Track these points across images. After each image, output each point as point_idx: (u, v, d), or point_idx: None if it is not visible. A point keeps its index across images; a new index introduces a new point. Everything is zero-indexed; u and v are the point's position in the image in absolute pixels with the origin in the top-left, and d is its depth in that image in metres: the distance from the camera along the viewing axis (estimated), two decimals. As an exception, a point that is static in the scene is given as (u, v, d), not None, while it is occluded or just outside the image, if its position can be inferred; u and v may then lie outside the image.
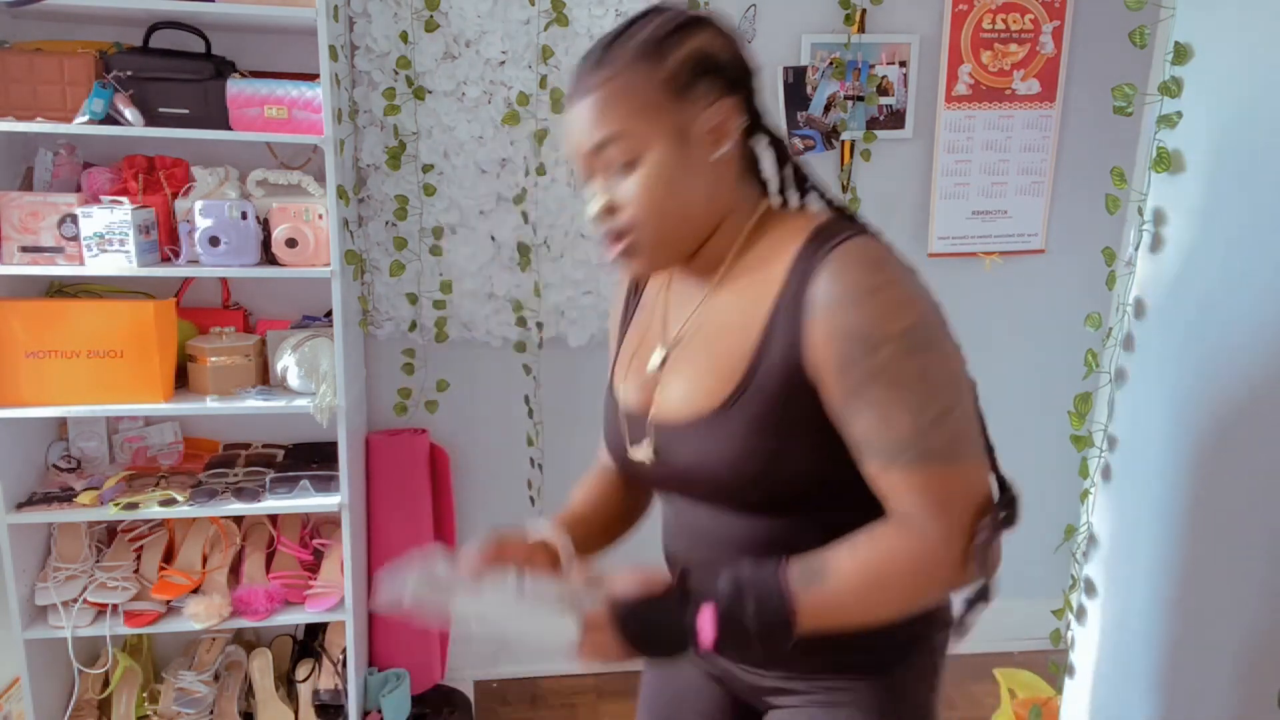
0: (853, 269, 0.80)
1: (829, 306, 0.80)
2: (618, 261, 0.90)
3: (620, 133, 0.84)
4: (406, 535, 2.25)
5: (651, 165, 0.85)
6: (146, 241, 1.83)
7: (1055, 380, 2.48)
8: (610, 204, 0.87)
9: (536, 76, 2.16)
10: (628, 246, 0.88)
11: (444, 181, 2.20)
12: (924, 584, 0.82)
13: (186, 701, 2.06)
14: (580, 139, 0.87)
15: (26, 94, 1.78)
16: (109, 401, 1.84)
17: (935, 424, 0.79)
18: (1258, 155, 1.14)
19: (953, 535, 0.79)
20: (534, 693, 2.51)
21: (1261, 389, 1.14)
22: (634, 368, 0.99)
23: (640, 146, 0.85)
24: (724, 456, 0.86)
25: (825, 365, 0.81)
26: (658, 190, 0.86)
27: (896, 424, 0.79)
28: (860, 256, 0.81)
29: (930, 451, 0.79)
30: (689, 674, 1.10)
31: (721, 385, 0.86)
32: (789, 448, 0.84)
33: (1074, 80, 2.42)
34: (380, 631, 2.29)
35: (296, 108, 1.83)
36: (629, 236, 0.88)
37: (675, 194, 0.87)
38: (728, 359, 0.87)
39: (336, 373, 1.92)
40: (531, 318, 2.30)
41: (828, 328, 0.80)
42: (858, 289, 0.79)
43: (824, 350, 0.80)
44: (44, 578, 1.95)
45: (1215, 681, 1.23)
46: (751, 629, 0.80)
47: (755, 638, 0.80)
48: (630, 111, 0.84)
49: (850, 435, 0.83)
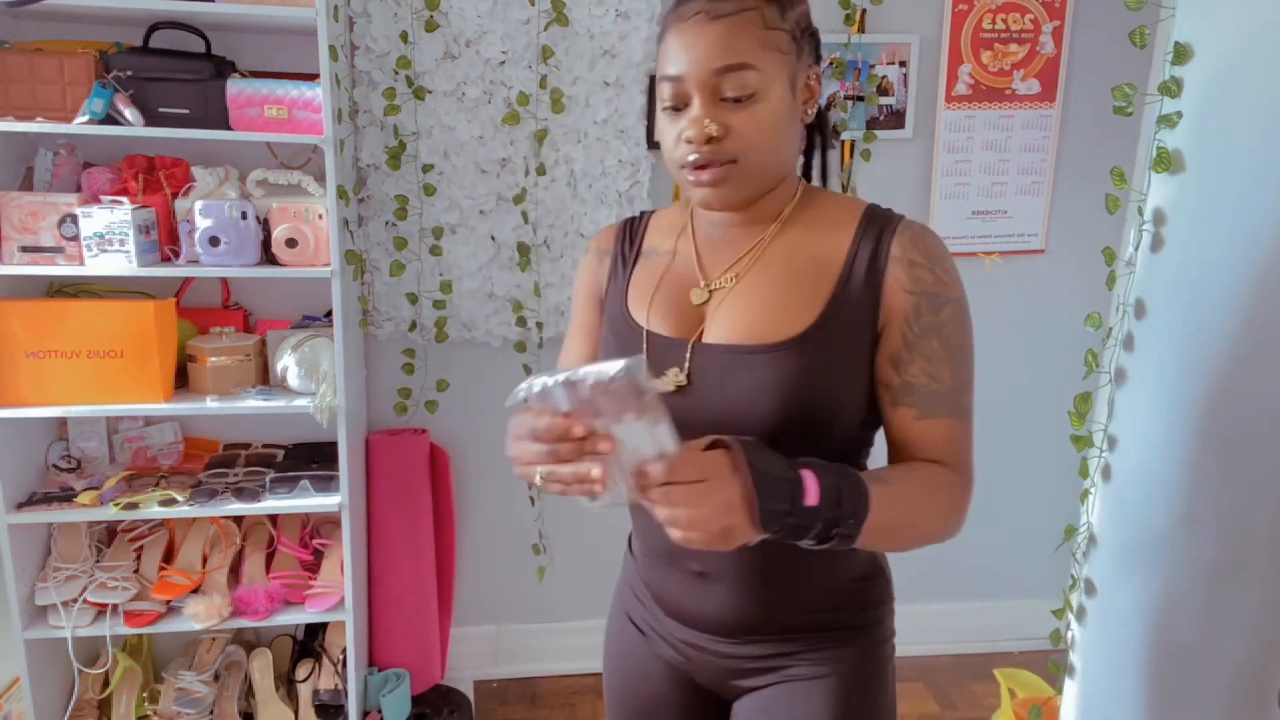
0: (928, 238, 0.94)
1: (910, 263, 0.92)
2: (704, 189, 0.92)
3: (751, 64, 0.87)
4: (406, 535, 2.25)
5: (770, 103, 0.89)
6: (146, 241, 1.83)
7: (1055, 380, 2.48)
8: (718, 131, 0.88)
9: (536, 76, 2.16)
10: (724, 174, 0.90)
11: (444, 181, 2.20)
12: (952, 517, 0.91)
13: (186, 701, 2.06)
14: (707, 59, 0.87)
15: (26, 94, 1.78)
16: (109, 401, 1.84)
17: (965, 386, 0.93)
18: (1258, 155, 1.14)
19: (968, 484, 0.93)
20: (534, 692, 2.51)
21: (1261, 389, 1.14)
22: (662, 301, 1.01)
23: (764, 83, 0.88)
24: (784, 386, 0.90)
25: (897, 312, 0.91)
26: (769, 129, 0.90)
27: (941, 378, 0.91)
28: (930, 232, 0.95)
29: (959, 408, 0.92)
30: (654, 668, 1.12)
31: (800, 315, 0.92)
32: (838, 395, 0.92)
33: (1074, 80, 2.42)
34: (380, 631, 2.29)
35: (296, 108, 1.83)
36: (729, 166, 0.90)
37: (779, 138, 0.92)
38: (803, 295, 0.93)
39: (336, 373, 1.92)
40: (531, 318, 2.30)
41: (906, 279, 0.91)
42: (933, 254, 0.93)
43: (899, 298, 0.91)
44: (44, 578, 1.95)
45: (1215, 681, 1.23)
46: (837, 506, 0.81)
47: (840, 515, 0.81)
48: (763, 46, 0.88)
49: (894, 381, 0.92)
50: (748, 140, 0.89)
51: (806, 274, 0.94)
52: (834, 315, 0.92)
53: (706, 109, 0.88)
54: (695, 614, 1.05)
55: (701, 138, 0.88)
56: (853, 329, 0.92)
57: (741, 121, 0.88)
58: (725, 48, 0.87)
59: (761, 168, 0.92)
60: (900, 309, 0.91)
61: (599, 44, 2.17)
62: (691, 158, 0.90)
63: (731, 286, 0.97)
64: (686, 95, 0.90)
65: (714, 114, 0.88)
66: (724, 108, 0.88)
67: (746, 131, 0.89)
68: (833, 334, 0.91)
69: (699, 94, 0.89)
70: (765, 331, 0.92)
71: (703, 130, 0.88)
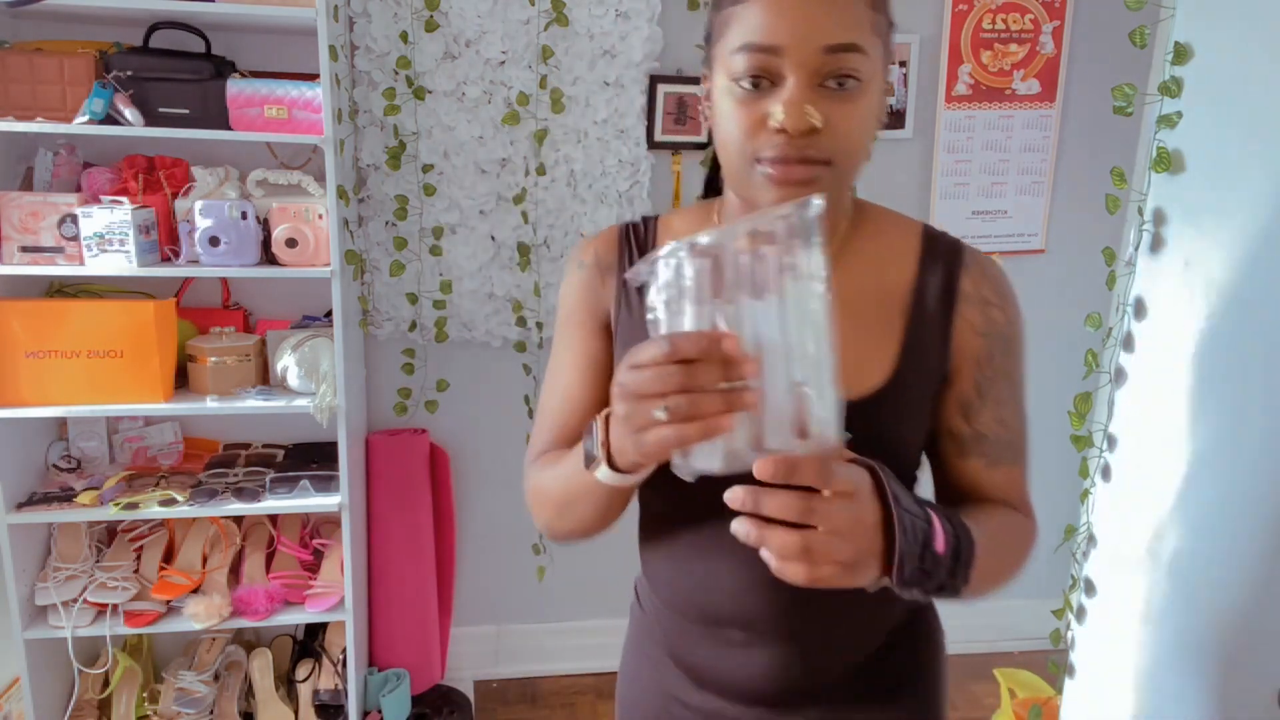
0: (995, 270, 0.85)
1: (984, 302, 0.83)
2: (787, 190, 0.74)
3: (863, 47, 0.72)
4: (406, 535, 2.25)
5: (871, 98, 0.75)
6: (146, 241, 1.83)
7: (1055, 380, 2.48)
8: (821, 122, 0.72)
9: (536, 76, 2.16)
10: (814, 176, 0.74)
11: (444, 181, 2.20)
12: (1024, 563, 0.84)
13: (186, 701, 2.06)
14: (817, 32, 0.71)
15: (26, 94, 1.78)
16: (109, 401, 1.84)
17: (1026, 430, 0.87)
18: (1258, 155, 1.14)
19: (1035, 527, 0.87)
20: (534, 692, 2.51)
21: (1261, 388, 1.14)
22: None
23: (871, 73, 0.74)
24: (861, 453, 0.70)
25: (970, 357, 0.83)
26: (868, 128, 0.76)
27: (1010, 424, 0.85)
28: (994, 262, 0.86)
29: (1023, 454, 0.87)
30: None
31: (874, 365, 0.80)
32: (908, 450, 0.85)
33: (1074, 80, 2.42)
34: (380, 631, 2.29)
35: (296, 108, 1.83)
36: (821, 167, 0.74)
37: (871, 140, 0.77)
38: (873, 339, 0.82)
39: (336, 373, 1.92)
40: (531, 318, 2.30)
41: (980, 320, 0.83)
42: (1003, 290, 0.85)
43: (972, 342, 0.83)
44: (44, 578, 1.95)
45: (1215, 680, 1.23)
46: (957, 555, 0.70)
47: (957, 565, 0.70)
48: (873, 31, 0.74)
49: (963, 430, 0.85)
50: (847, 139, 0.73)
51: (873, 312, 0.82)
52: (908, 364, 0.81)
53: (806, 93, 0.72)
54: (732, 683, 0.89)
55: (801, 127, 0.71)
56: (924, 376, 0.83)
57: (843, 115, 0.72)
58: (839, 22, 0.71)
59: (850, 175, 0.77)
60: (973, 353, 0.83)
61: (599, 44, 2.17)
62: (776, 152, 0.73)
63: None
64: (778, 72, 0.72)
65: (814, 101, 0.72)
66: (823, 95, 0.72)
67: (847, 128, 0.73)
68: (908, 386, 0.81)
69: (798, 73, 0.71)
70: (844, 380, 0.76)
71: (804, 119, 0.71)
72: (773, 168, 0.74)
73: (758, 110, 0.73)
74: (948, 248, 0.85)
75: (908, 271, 0.84)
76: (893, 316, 0.82)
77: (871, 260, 0.84)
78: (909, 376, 0.81)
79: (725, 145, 0.77)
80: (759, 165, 0.74)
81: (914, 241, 0.85)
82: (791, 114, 0.71)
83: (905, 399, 0.81)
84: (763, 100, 0.73)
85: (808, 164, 0.73)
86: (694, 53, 2.25)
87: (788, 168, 0.73)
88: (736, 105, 0.75)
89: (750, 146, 0.74)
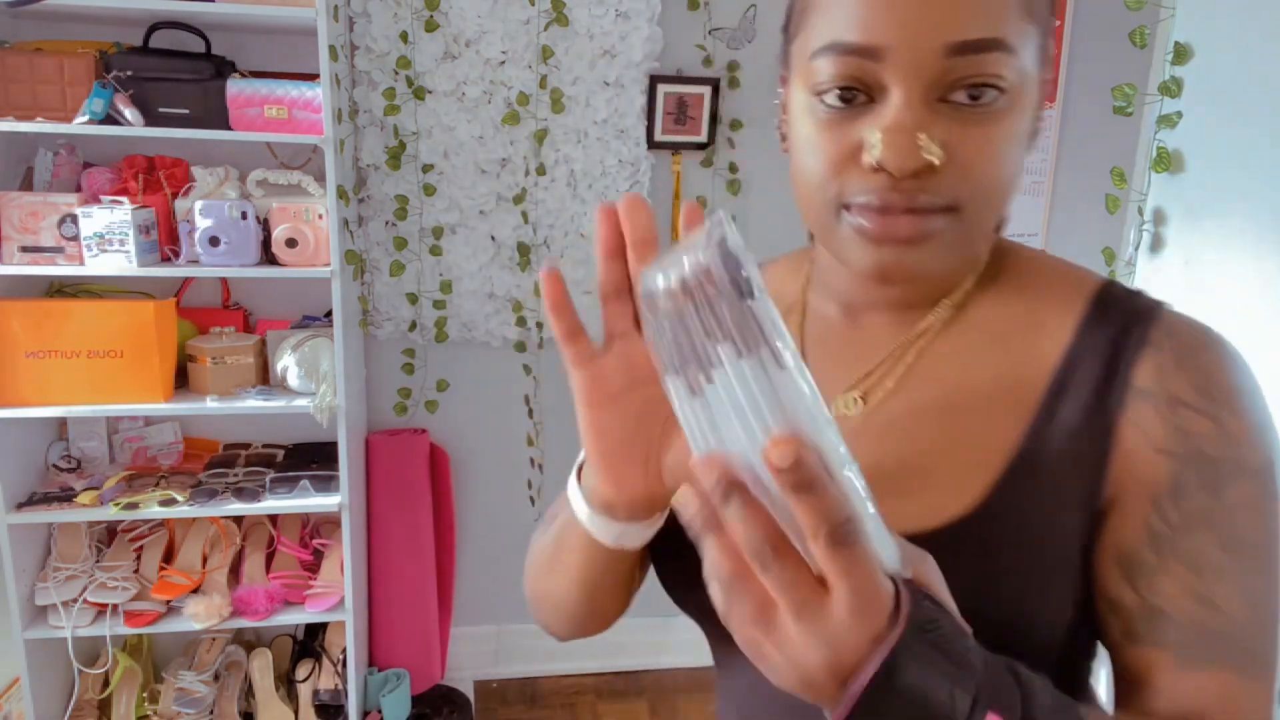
0: (1207, 354, 0.54)
1: (1172, 401, 0.53)
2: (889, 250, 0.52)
3: (1008, 41, 0.49)
4: (406, 535, 2.25)
5: (1020, 113, 0.52)
6: (146, 241, 1.83)
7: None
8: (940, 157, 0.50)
9: (536, 76, 2.16)
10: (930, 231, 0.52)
11: (444, 181, 2.20)
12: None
13: (186, 701, 2.06)
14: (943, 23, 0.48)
15: (26, 94, 1.78)
16: (109, 401, 1.84)
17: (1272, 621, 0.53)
18: (1258, 155, 1.14)
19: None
20: (533, 692, 2.51)
21: (1261, 389, 1.14)
22: None
23: (1019, 78, 0.51)
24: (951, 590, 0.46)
25: (1142, 486, 0.54)
26: (1011, 158, 0.52)
27: (1224, 603, 0.52)
28: (1213, 341, 0.55)
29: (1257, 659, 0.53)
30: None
31: (968, 480, 0.56)
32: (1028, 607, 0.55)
33: (1074, 80, 2.42)
34: (380, 631, 2.29)
35: (296, 108, 1.83)
36: (942, 217, 0.52)
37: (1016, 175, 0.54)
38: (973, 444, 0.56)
39: (336, 373, 1.92)
40: (531, 318, 2.30)
41: (1161, 429, 0.53)
42: (1216, 384, 0.53)
43: (1149, 464, 0.53)
44: (44, 578, 1.95)
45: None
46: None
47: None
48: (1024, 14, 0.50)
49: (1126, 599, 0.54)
50: (981, 176, 0.51)
51: (983, 405, 0.57)
52: (1022, 483, 0.55)
53: (918, 113, 0.50)
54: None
55: (908, 166, 0.49)
56: (1053, 507, 0.55)
57: (975, 143, 0.50)
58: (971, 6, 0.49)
59: (986, 222, 0.54)
60: (1146, 480, 0.54)
61: (599, 44, 2.17)
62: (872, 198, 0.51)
63: (856, 421, 0.60)
64: (878, 82, 0.50)
65: (931, 123, 0.50)
66: (945, 114, 0.50)
67: (981, 160, 0.51)
68: (1017, 516, 0.54)
69: (907, 85, 0.49)
70: (911, 507, 0.56)
71: (913, 153, 0.49)
72: (866, 219, 0.52)
73: (848, 137, 0.52)
74: (1129, 315, 0.56)
75: (1053, 348, 0.57)
76: (1014, 412, 0.56)
77: (996, 330, 0.59)
78: (1021, 500, 0.54)
79: (803, 182, 0.55)
80: (847, 214, 0.53)
81: (1076, 305, 0.57)
82: (895, 146, 0.49)
83: (1009, 535, 0.54)
84: (856, 122, 0.51)
85: (918, 214, 0.51)
86: (694, 52, 2.25)
87: (888, 219, 0.51)
88: (819, 129, 0.53)
89: (835, 187, 0.53)
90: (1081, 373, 0.56)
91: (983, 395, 0.57)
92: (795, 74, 0.55)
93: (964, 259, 0.59)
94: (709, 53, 2.26)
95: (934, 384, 0.59)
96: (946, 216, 0.52)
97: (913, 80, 0.49)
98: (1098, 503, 0.55)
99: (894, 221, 0.51)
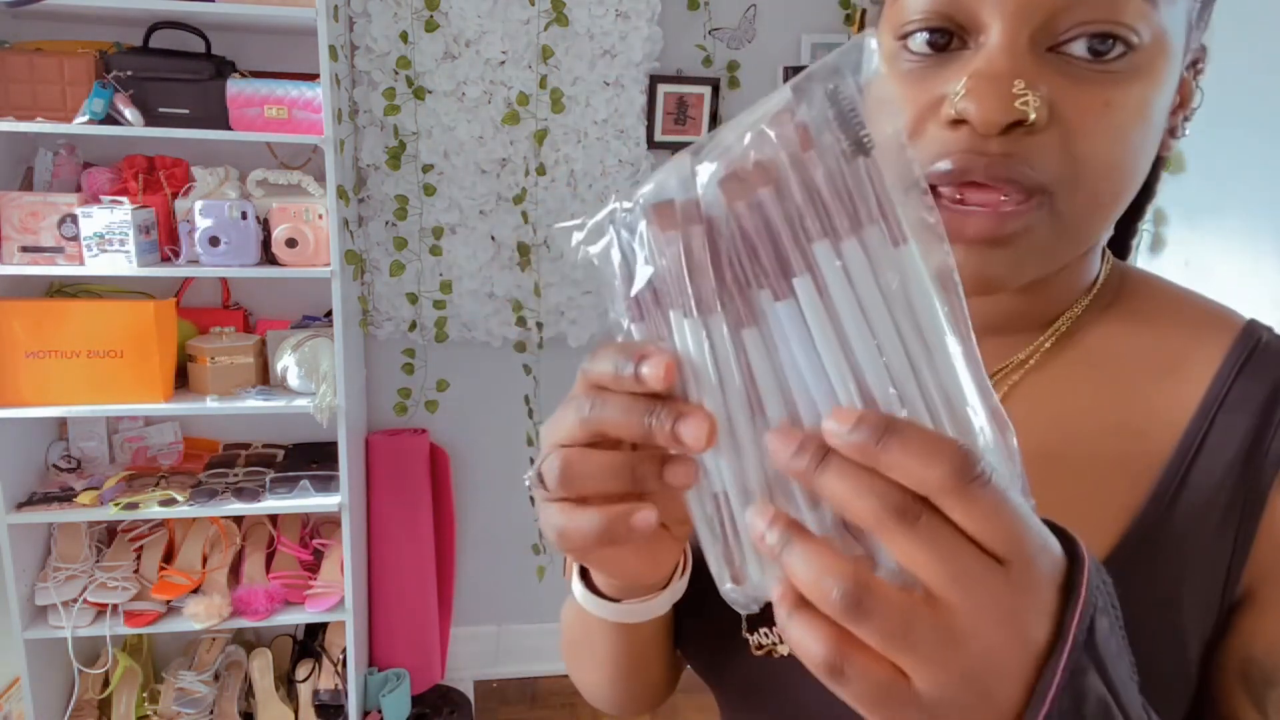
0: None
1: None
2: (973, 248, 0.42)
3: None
4: (406, 535, 2.25)
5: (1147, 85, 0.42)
6: (146, 241, 1.83)
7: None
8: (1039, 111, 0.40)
9: (536, 76, 2.16)
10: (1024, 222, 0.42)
11: (444, 181, 2.20)
12: None
13: (186, 701, 2.06)
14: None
15: (26, 94, 1.78)
16: (109, 401, 1.84)
17: None
18: (1257, 155, 1.14)
19: None
20: (533, 692, 2.51)
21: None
22: None
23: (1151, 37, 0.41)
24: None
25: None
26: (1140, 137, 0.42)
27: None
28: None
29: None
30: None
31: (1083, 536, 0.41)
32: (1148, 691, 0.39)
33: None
34: (380, 631, 2.29)
35: (296, 108, 1.83)
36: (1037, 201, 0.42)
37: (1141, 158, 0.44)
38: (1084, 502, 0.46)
39: (336, 373, 1.92)
40: (531, 318, 2.30)
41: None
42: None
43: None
44: (44, 578, 1.95)
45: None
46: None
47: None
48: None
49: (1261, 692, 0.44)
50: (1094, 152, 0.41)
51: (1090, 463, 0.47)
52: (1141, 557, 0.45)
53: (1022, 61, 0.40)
54: None
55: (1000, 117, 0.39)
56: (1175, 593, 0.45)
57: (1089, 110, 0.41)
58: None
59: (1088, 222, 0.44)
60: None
61: (599, 44, 2.17)
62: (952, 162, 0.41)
63: None
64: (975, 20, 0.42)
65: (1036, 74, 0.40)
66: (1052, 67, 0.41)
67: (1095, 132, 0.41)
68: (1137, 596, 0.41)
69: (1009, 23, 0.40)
70: None
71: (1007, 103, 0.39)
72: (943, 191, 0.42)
73: (930, 91, 0.42)
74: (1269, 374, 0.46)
75: (1189, 396, 0.47)
76: (1136, 470, 0.46)
77: (1115, 369, 0.48)
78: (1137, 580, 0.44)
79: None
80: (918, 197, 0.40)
81: (1215, 348, 0.47)
82: (981, 92, 0.39)
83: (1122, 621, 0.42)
84: (944, 71, 0.42)
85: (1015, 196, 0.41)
86: (694, 52, 2.25)
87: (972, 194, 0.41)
88: (901, 81, 0.44)
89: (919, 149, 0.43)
90: (1225, 430, 0.45)
91: (1096, 446, 0.47)
92: (884, 18, 0.46)
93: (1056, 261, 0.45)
94: (709, 53, 2.26)
95: (1034, 429, 0.46)
96: (1039, 209, 0.41)
97: (1018, 18, 0.40)
98: (1233, 596, 0.44)
99: (979, 198, 0.41)
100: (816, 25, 2.30)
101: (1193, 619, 0.44)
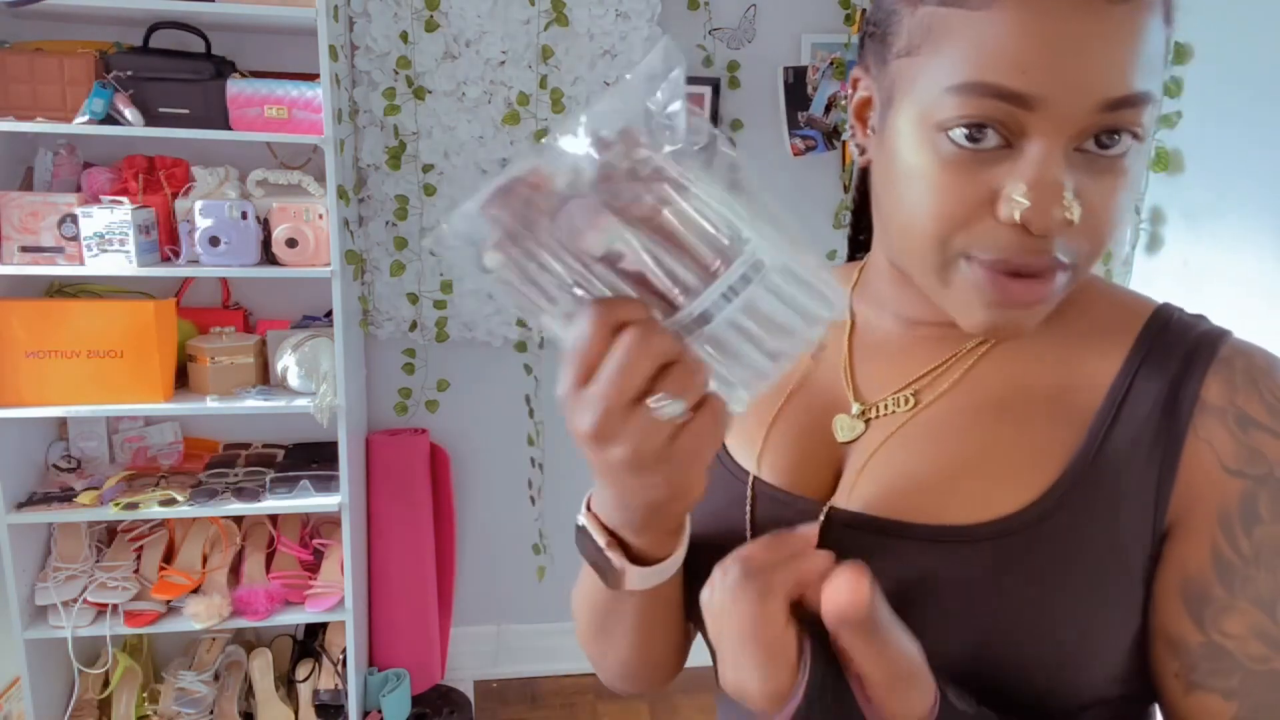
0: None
1: (1242, 420, 0.51)
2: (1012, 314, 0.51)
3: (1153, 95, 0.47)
4: (406, 535, 2.25)
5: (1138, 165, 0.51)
6: (146, 241, 1.83)
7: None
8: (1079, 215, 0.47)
9: (536, 76, 2.16)
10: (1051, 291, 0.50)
11: (444, 181, 2.20)
12: None
13: (186, 701, 2.06)
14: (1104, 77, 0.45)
15: (26, 94, 1.78)
16: (109, 401, 1.84)
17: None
18: (1257, 155, 1.14)
19: None
20: (533, 693, 2.51)
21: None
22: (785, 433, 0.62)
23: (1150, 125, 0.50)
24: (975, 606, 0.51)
25: (1210, 508, 0.51)
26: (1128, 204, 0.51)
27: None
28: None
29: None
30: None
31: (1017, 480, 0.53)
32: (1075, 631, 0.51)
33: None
34: (380, 631, 2.29)
35: (296, 108, 1.83)
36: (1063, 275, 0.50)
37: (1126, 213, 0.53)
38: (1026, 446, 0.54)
39: (336, 373, 1.92)
40: (531, 318, 2.30)
41: (1232, 448, 0.51)
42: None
43: (1218, 483, 0.51)
44: (44, 578, 1.95)
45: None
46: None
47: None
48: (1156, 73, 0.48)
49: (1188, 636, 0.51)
50: (1103, 231, 0.50)
51: (1035, 411, 0.55)
52: (1079, 488, 0.52)
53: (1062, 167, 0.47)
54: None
55: (1057, 227, 0.47)
56: (1112, 519, 0.51)
57: (1102, 198, 0.48)
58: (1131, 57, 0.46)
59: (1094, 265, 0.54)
60: (1215, 500, 0.51)
61: (599, 44, 2.17)
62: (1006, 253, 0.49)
63: (905, 416, 0.58)
64: (1018, 127, 0.47)
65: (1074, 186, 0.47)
66: (1078, 165, 0.48)
67: (1108, 215, 0.49)
68: (1074, 521, 0.51)
69: (1054, 137, 0.47)
70: (953, 502, 0.53)
71: (1060, 212, 0.46)
72: (991, 279, 0.49)
73: (980, 184, 0.48)
74: (1195, 334, 0.54)
75: (1108, 365, 0.55)
76: (1069, 419, 0.54)
77: (1051, 348, 0.57)
78: (1078, 505, 0.51)
79: (914, 221, 0.51)
80: (966, 265, 0.50)
81: (1132, 325, 0.56)
82: (1042, 205, 0.46)
83: (1062, 542, 0.51)
84: (989, 168, 0.48)
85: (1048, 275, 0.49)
86: (694, 52, 2.25)
87: (1017, 284, 0.49)
88: (941, 167, 0.49)
89: (962, 239, 0.49)
90: (1141, 389, 0.53)
91: (1039, 400, 0.55)
92: (907, 96, 0.50)
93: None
94: (709, 53, 2.26)
95: (988, 388, 0.57)
96: (1063, 274, 0.50)
97: (1062, 133, 0.46)
98: (1162, 524, 0.52)
99: (1030, 285, 0.49)
100: (816, 25, 2.30)
101: (1132, 541, 0.52)
